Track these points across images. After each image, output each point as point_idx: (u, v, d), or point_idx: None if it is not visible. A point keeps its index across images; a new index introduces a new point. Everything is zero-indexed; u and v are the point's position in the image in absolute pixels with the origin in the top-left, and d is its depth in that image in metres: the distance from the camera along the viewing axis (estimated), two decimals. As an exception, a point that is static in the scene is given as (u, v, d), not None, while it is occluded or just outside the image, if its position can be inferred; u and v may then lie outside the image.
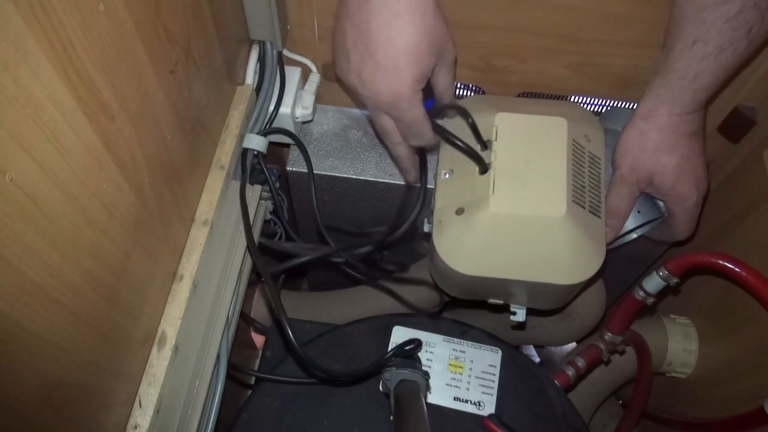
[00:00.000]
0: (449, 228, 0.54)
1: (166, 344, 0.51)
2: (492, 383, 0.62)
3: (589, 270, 0.54)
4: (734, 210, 0.67)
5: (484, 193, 0.52)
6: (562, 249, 0.52)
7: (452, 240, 0.54)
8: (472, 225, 0.53)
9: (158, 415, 0.49)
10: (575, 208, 0.52)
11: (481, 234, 0.53)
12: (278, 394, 0.62)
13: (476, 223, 0.52)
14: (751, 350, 0.65)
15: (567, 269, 0.54)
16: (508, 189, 0.52)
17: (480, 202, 0.52)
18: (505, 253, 0.53)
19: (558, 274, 0.54)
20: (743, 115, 0.65)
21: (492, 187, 0.52)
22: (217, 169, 0.59)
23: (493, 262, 0.54)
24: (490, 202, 0.52)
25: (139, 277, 0.46)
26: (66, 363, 0.38)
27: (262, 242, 0.64)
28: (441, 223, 0.55)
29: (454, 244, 0.54)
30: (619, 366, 0.75)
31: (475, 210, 0.53)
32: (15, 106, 0.29)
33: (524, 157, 0.53)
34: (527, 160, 0.53)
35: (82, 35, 0.34)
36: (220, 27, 0.55)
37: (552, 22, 0.53)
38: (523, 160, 0.53)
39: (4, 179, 0.29)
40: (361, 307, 0.77)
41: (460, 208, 0.54)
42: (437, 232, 0.56)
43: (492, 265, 0.54)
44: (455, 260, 0.55)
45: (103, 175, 0.38)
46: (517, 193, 0.52)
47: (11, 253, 0.31)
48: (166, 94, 0.47)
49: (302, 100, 0.69)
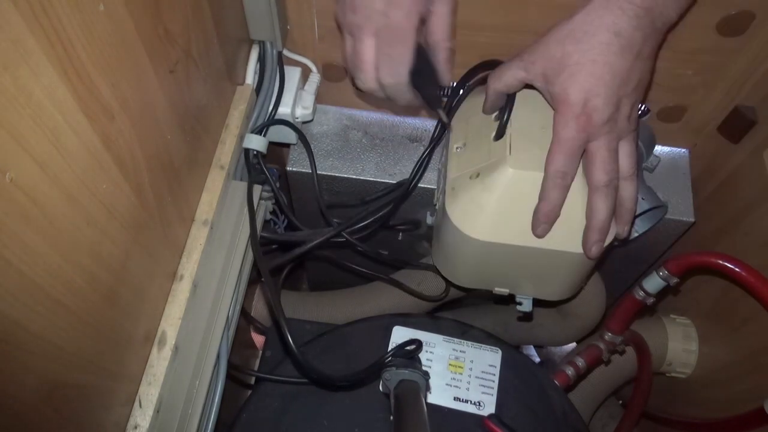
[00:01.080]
0: (464, 193, 0.54)
1: (166, 344, 0.51)
2: (492, 383, 0.62)
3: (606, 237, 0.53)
4: (734, 210, 0.67)
5: (500, 155, 0.52)
6: (579, 213, 0.52)
7: (467, 205, 0.53)
8: (488, 186, 0.52)
9: (158, 415, 0.49)
10: None
11: (497, 195, 0.52)
12: (278, 394, 0.62)
13: (493, 183, 0.52)
14: (751, 350, 0.65)
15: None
16: (524, 150, 0.52)
17: (497, 163, 0.52)
18: (520, 217, 0.52)
19: (574, 242, 0.53)
20: (743, 115, 0.65)
21: (509, 148, 0.52)
22: (217, 169, 0.59)
23: (508, 227, 0.53)
24: (507, 161, 0.51)
25: (139, 277, 0.46)
26: (66, 363, 0.38)
27: (265, 235, 0.64)
28: (454, 190, 0.55)
29: (470, 208, 0.53)
30: (619, 366, 0.75)
31: (491, 171, 0.52)
32: (15, 106, 0.29)
33: (539, 124, 0.53)
34: (542, 126, 0.52)
35: (82, 35, 0.34)
36: (220, 27, 0.55)
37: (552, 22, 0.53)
38: (539, 126, 0.53)
39: (4, 179, 0.29)
40: (361, 307, 0.77)
41: (475, 172, 0.54)
42: (450, 200, 0.55)
43: (507, 231, 0.53)
44: (470, 226, 0.54)
45: (103, 175, 0.38)
46: (533, 154, 0.51)
47: (11, 253, 0.31)
48: (166, 94, 0.47)
49: (302, 100, 0.69)
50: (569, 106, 0.47)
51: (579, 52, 0.47)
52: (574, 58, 0.47)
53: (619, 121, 0.49)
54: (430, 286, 0.74)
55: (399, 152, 0.72)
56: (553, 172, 0.49)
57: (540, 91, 0.51)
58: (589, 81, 0.47)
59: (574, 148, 0.48)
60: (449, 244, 0.57)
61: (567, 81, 0.47)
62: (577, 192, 0.51)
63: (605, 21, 0.46)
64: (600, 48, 0.46)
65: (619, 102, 0.48)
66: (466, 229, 0.54)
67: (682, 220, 0.69)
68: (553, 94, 0.49)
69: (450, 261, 0.62)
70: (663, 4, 0.47)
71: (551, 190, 0.50)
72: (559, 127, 0.48)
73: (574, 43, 0.47)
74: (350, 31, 0.52)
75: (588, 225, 0.51)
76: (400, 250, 0.80)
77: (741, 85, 0.63)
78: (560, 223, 0.52)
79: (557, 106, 0.49)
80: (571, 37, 0.47)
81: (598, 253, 0.52)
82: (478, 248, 0.54)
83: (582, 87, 0.47)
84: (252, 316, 0.79)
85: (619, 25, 0.46)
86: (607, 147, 0.49)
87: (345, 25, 0.53)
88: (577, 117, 0.47)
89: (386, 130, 0.74)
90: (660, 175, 0.71)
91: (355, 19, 0.51)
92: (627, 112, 0.49)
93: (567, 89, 0.47)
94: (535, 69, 0.50)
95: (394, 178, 0.70)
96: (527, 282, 0.60)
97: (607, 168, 0.49)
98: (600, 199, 0.50)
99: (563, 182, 0.49)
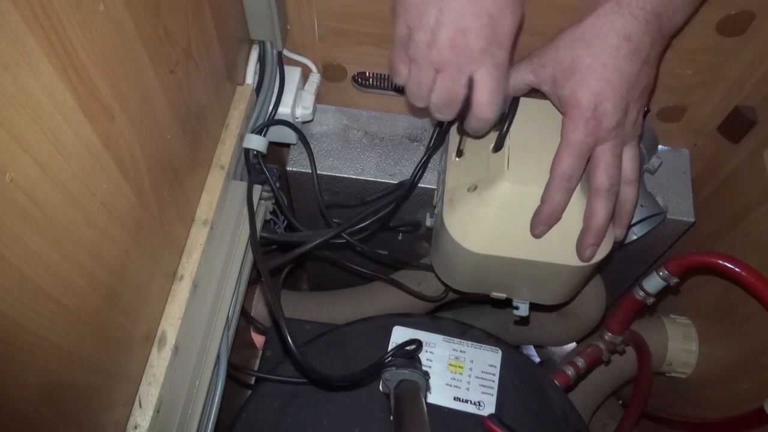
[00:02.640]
0: (461, 205, 0.54)
1: (166, 344, 0.51)
2: (492, 383, 0.62)
3: (603, 249, 0.53)
4: (734, 210, 0.67)
5: (498, 168, 0.52)
6: (575, 228, 0.52)
7: (464, 217, 0.54)
8: (485, 200, 0.52)
9: (158, 415, 0.49)
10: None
11: (494, 209, 0.52)
12: (278, 394, 0.62)
13: (490, 197, 0.52)
14: (751, 350, 0.65)
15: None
16: (522, 164, 0.52)
17: (494, 177, 0.52)
18: (516, 231, 0.52)
19: (570, 255, 0.53)
20: (743, 115, 0.65)
21: (507, 162, 0.52)
22: (217, 169, 0.59)
23: (505, 240, 0.53)
24: (505, 175, 0.51)
25: (139, 277, 0.46)
26: (66, 363, 0.38)
27: (265, 235, 0.64)
28: (452, 201, 0.55)
29: (466, 220, 0.54)
30: (619, 366, 0.75)
31: (489, 185, 0.52)
32: (15, 106, 0.29)
33: (538, 136, 0.53)
34: (541, 139, 0.52)
35: (82, 35, 0.34)
36: (220, 27, 0.55)
37: (552, 22, 0.53)
38: (537, 139, 0.53)
39: (4, 179, 0.29)
40: (361, 307, 0.77)
41: (472, 185, 0.54)
42: (448, 211, 0.55)
43: (503, 244, 0.53)
44: (466, 238, 0.54)
45: (103, 175, 0.38)
46: (532, 169, 0.51)
47: (11, 253, 0.31)
48: (166, 94, 0.47)
49: (302, 100, 0.69)
50: (579, 110, 0.47)
51: (590, 55, 0.47)
52: (586, 62, 0.47)
53: (626, 126, 0.48)
54: (429, 286, 0.74)
55: (399, 152, 0.72)
56: (559, 175, 0.49)
57: (548, 95, 0.51)
58: (599, 85, 0.46)
59: (583, 151, 0.48)
60: (447, 252, 0.58)
61: (577, 84, 0.47)
62: (575, 204, 0.51)
63: (615, 25, 0.46)
64: (610, 51, 0.46)
65: (627, 107, 0.47)
66: (464, 242, 0.54)
67: (682, 220, 0.69)
68: (563, 97, 0.49)
69: (447, 267, 0.62)
70: (672, 10, 0.48)
71: (555, 193, 0.49)
72: (568, 130, 0.48)
73: (585, 47, 0.47)
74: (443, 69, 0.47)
75: (585, 228, 0.51)
76: (400, 251, 0.80)
77: (741, 85, 0.63)
78: (557, 236, 0.52)
79: (567, 110, 0.48)
80: (581, 41, 0.47)
81: (591, 256, 0.52)
82: (474, 259, 0.55)
83: (592, 91, 0.47)
84: (252, 316, 0.79)
85: (629, 29, 0.46)
86: (612, 152, 0.48)
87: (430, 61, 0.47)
88: (587, 121, 0.47)
89: (386, 130, 0.74)
90: (660, 175, 0.71)
91: (455, 58, 0.46)
92: (634, 117, 0.49)
93: (577, 93, 0.47)
94: (544, 73, 0.49)
95: (394, 178, 0.70)
96: (524, 288, 0.61)
97: (611, 172, 0.49)
98: (600, 203, 0.50)
99: (569, 185, 0.49)
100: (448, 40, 0.45)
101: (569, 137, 0.48)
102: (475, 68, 0.47)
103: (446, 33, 0.45)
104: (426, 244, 0.79)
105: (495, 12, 0.45)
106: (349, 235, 0.63)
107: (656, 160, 0.69)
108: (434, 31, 0.45)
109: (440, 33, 0.45)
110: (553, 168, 0.49)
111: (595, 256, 0.53)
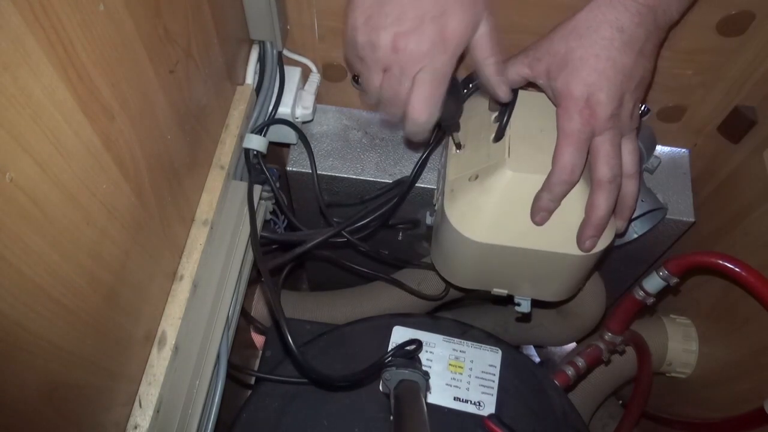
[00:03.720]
0: (462, 194, 0.54)
1: (166, 344, 0.51)
2: (492, 383, 0.62)
3: (603, 240, 0.53)
4: (734, 210, 0.67)
5: (499, 157, 0.52)
6: (577, 216, 0.52)
7: (466, 206, 0.54)
8: (486, 188, 0.52)
9: (158, 415, 0.49)
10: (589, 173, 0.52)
11: (495, 197, 0.52)
12: (278, 394, 0.62)
13: (491, 185, 0.52)
14: (751, 350, 0.65)
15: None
16: (523, 152, 0.52)
17: (495, 165, 0.52)
18: (518, 220, 0.53)
19: (571, 245, 0.53)
20: (743, 115, 0.65)
21: (507, 150, 0.52)
22: (217, 169, 0.59)
23: (506, 229, 0.53)
24: (506, 163, 0.51)
25: (139, 277, 0.46)
26: (66, 363, 0.38)
27: (265, 235, 0.64)
28: (453, 192, 0.55)
29: (468, 209, 0.54)
30: (619, 366, 0.75)
31: (490, 173, 0.52)
32: (15, 106, 0.29)
33: (538, 126, 0.53)
34: (541, 129, 0.53)
35: (82, 35, 0.34)
36: (220, 27, 0.55)
37: (552, 22, 0.53)
38: (537, 129, 0.53)
39: (4, 179, 0.29)
40: (361, 307, 0.77)
41: (474, 174, 0.54)
42: (449, 202, 0.55)
43: (504, 233, 0.53)
44: (468, 227, 0.54)
45: (103, 175, 0.38)
46: (533, 157, 0.51)
47: (11, 253, 0.31)
48: (166, 94, 0.47)
49: (302, 100, 0.69)
50: (572, 100, 0.47)
51: (582, 47, 0.47)
52: (578, 54, 0.47)
53: (622, 116, 0.48)
54: (430, 285, 0.74)
55: (399, 152, 0.72)
56: (561, 167, 0.49)
57: (542, 88, 0.51)
58: (592, 75, 0.47)
59: (581, 141, 0.48)
60: (448, 245, 0.58)
61: (569, 76, 0.47)
62: (577, 194, 0.51)
63: (608, 17, 0.46)
64: (603, 43, 0.46)
65: (622, 97, 0.48)
66: (465, 231, 0.54)
67: (682, 220, 0.69)
68: (556, 89, 0.49)
69: (449, 262, 0.62)
70: (666, 2, 0.48)
71: (557, 185, 0.49)
72: (564, 121, 0.48)
73: (578, 39, 0.47)
74: (388, 69, 0.48)
75: (586, 219, 0.51)
76: (400, 250, 0.80)
77: (741, 85, 0.63)
78: (559, 225, 0.52)
79: (560, 101, 0.49)
80: (574, 33, 0.47)
81: (591, 247, 0.52)
82: (476, 250, 0.55)
83: (585, 81, 0.47)
84: (252, 316, 0.79)
85: (622, 21, 0.46)
86: (611, 142, 0.48)
87: (375, 61, 0.48)
88: (580, 111, 0.47)
89: (386, 129, 0.74)
90: (660, 175, 0.71)
91: (397, 59, 0.47)
92: (630, 109, 0.49)
93: (570, 84, 0.47)
94: (539, 66, 0.50)
95: (393, 178, 0.70)
96: (526, 283, 0.60)
97: (612, 163, 0.49)
98: (602, 195, 0.50)
99: (571, 177, 0.49)
100: (390, 42, 0.46)
101: (565, 128, 0.48)
102: (415, 71, 0.47)
103: (387, 36, 0.46)
104: (426, 244, 0.79)
105: (437, 14, 0.45)
106: (349, 234, 0.63)
107: (655, 159, 0.69)
108: (378, 33, 0.46)
109: (382, 35, 0.46)
110: (554, 162, 0.49)
111: (596, 246, 0.53)
